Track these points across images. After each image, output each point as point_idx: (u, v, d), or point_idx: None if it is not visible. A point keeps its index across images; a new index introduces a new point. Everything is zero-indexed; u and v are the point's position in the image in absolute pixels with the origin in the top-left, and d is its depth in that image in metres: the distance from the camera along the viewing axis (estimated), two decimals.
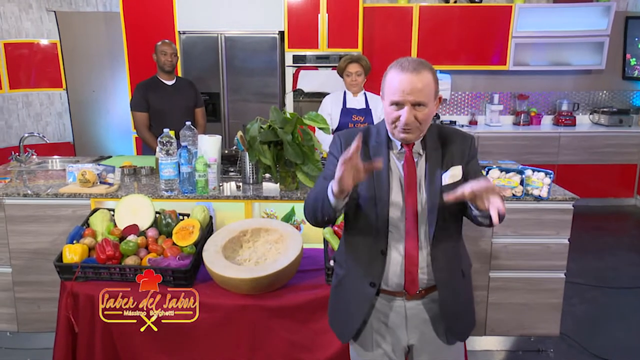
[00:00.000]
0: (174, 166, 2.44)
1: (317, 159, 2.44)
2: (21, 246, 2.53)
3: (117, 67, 5.53)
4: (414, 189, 1.47)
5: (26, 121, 5.58)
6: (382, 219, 1.48)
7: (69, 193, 2.47)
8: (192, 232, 2.16)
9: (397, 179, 1.50)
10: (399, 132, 1.45)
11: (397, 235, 1.48)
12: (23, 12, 5.32)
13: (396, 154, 1.52)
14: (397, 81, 1.40)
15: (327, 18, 4.84)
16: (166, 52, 3.57)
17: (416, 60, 1.43)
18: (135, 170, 2.88)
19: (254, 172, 2.66)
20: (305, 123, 2.42)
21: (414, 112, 1.40)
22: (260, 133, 2.34)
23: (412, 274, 1.47)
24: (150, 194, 2.47)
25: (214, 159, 2.45)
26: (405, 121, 1.40)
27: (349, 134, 1.58)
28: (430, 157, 1.50)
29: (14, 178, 2.80)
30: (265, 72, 4.94)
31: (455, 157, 1.52)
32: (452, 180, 1.47)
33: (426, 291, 1.52)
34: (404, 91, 1.38)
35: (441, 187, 1.47)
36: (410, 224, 1.46)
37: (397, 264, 1.48)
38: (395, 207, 1.48)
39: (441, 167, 1.50)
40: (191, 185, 2.48)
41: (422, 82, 1.39)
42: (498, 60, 5.20)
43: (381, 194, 1.48)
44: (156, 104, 3.56)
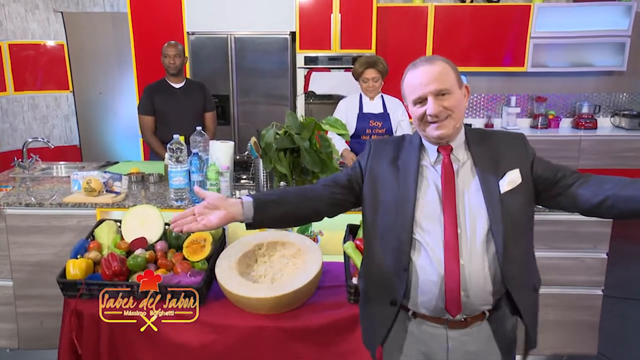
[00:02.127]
0: (185, 174, 2.30)
1: (335, 167, 2.30)
2: (23, 258, 2.40)
3: (124, 69, 5.41)
4: (453, 199, 1.33)
5: (32, 124, 5.47)
6: (404, 232, 1.34)
7: (73, 203, 2.34)
8: (204, 246, 2.02)
9: (432, 189, 1.35)
10: (431, 130, 1.34)
11: (430, 251, 1.32)
12: (29, 13, 5.22)
13: (432, 163, 1.37)
14: (413, 78, 1.35)
15: (340, 18, 4.70)
16: (169, 54, 3.45)
17: (429, 56, 1.38)
18: (143, 178, 2.74)
19: (268, 180, 2.51)
20: (323, 129, 2.28)
21: (439, 101, 1.31)
22: (276, 140, 2.20)
23: (454, 295, 1.31)
24: (159, 203, 2.34)
25: (227, 167, 2.31)
26: (433, 111, 1.30)
27: (382, 143, 1.45)
28: (479, 162, 1.36)
29: (17, 185, 2.67)
30: (276, 74, 4.80)
31: (510, 160, 1.37)
32: (510, 186, 1.34)
33: (472, 319, 1.36)
34: (422, 83, 1.32)
35: (500, 196, 1.32)
36: (450, 239, 1.31)
37: (430, 283, 1.33)
38: (429, 221, 1.33)
39: (496, 173, 1.35)
40: None
41: (438, 69, 1.33)
42: (515, 62, 5.03)
43: (404, 205, 1.35)
44: (162, 107, 3.43)
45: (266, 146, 2.21)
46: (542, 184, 1.38)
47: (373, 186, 1.43)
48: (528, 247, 1.41)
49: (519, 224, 1.35)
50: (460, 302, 1.31)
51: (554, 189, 1.37)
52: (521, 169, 1.36)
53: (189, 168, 2.31)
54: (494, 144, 1.40)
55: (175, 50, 3.43)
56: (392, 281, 1.37)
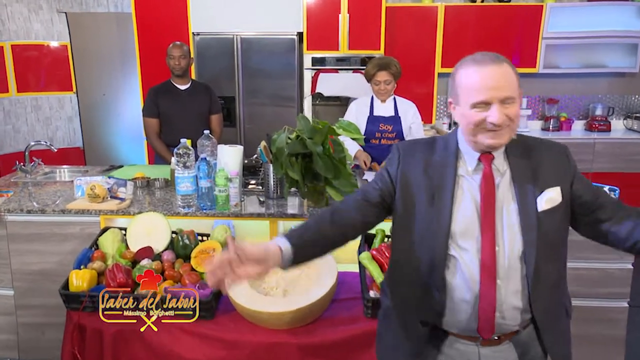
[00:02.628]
0: (192, 180, 2.21)
1: (349, 172, 2.20)
2: (24, 267, 2.32)
3: (128, 70, 5.32)
4: (492, 215, 1.22)
5: (35, 125, 5.39)
6: (439, 248, 1.24)
7: (76, 209, 2.25)
8: (213, 257, 1.93)
9: (469, 202, 1.24)
10: (485, 137, 1.21)
11: (466, 269, 1.22)
12: (33, 14, 5.14)
13: (470, 172, 1.27)
14: (477, 78, 1.19)
15: (348, 19, 4.60)
16: (174, 55, 3.36)
17: (490, 53, 1.23)
18: (149, 183, 2.65)
19: (277, 186, 2.42)
20: (337, 132, 2.18)
21: (503, 109, 1.18)
22: (288, 144, 2.10)
23: (488, 316, 1.22)
24: (166, 210, 2.25)
25: (236, 173, 2.22)
26: (497, 121, 1.17)
27: (411, 147, 1.34)
28: (518, 175, 1.25)
29: (18, 191, 2.58)
30: (283, 75, 4.71)
31: (550, 176, 1.26)
32: (549, 205, 1.22)
33: (505, 336, 1.27)
34: (489, 87, 1.18)
35: (537, 214, 1.21)
36: (488, 257, 1.21)
37: (463, 303, 1.23)
38: (466, 237, 1.23)
39: (534, 189, 1.24)
40: (210, 200, 2.25)
41: (505, 72, 1.19)
42: (527, 63, 4.92)
43: (439, 220, 1.24)
44: (166, 109, 3.35)
45: (277, 151, 2.12)
46: (580, 207, 1.28)
47: (405, 196, 1.31)
48: (560, 269, 1.31)
49: (553, 244, 1.25)
50: (494, 324, 1.22)
51: (590, 217, 1.28)
52: (562, 187, 1.26)
53: (197, 173, 2.22)
54: (535, 156, 1.28)
55: (181, 51, 3.34)
56: (424, 300, 1.28)
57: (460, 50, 4.76)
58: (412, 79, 4.87)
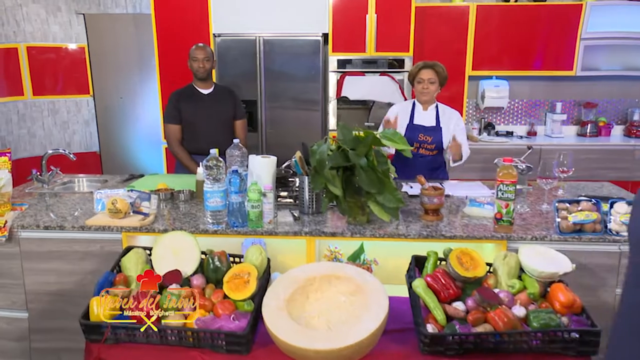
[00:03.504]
0: (222, 195, 2.02)
1: (394, 187, 1.99)
2: (40, 287, 2.14)
3: (146, 73, 5.18)
4: None
5: (52, 129, 5.26)
6: None
7: (96, 225, 2.06)
8: (248, 282, 1.73)
9: None
10: None
11: None
12: (51, 15, 5.01)
13: None
14: None
15: (376, 19, 4.40)
16: (197, 57, 3.18)
17: None
18: (173, 195, 2.47)
19: (313, 200, 2.22)
20: (382, 143, 1.97)
21: None
22: (330, 156, 1.90)
23: None
24: (192, 227, 2.05)
25: (270, 187, 2.02)
26: None
27: None
28: None
29: (34, 203, 2.41)
30: (307, 78, 4.52)
31: None
32: None
33: None
34: None
35: None
36: None
37: None
38: None
39: None
40: (242, 217, 2.05)
41: None
42: (563, 65, 4.67)
43: None
44: (189, 115, 3.16)
45: (318, 164, 1.92)
46: None
47: None
48: None
49: None
50: None
51: None
52: None
53: (227, 187, 2.03)
54: None
55: (205, 53, 3.16)
56: None
57: (492, 53, 4.62)
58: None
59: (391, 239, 2.02)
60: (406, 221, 2.16)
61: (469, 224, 2.10)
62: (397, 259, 2.22)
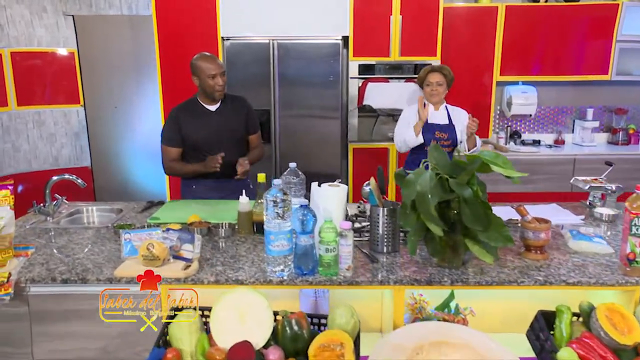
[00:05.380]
0: (289, 236, 1.61)
1: (501, 223, 1.62)
2: (54, 357, 1.68)
3: (144, 80, 4.72)
4: None
5: (37, 143, 4.75)
6: None
7: (128, 277, 1.63)
8: (342, 356, 1.33)
9: None
10: None
11: None
12: (36, 17, 4.51)
13: None
14: None
15: (401, 20, 4.04)
16: (213, 71, 2.54)
17: None
18: (210, 230, 2.05)
19: (390, 237, 1.83)
20: (488, 169, 1.60)
21: None
22: (432, 188, 1.51)
23: None
24: (249, 275, 1.64)
25: (348, 225, 1.62)
26: None
27: None
28: None
29: (41, 245, 1.95)
30: (325, 85, 4.15)
31: None
32: None
33: None
34: None
35: None
36: None
37: None
38: None
39: None
40: (313, 262, 1.65)
41: None
42: (597, 69, 4.39)
43: None
44: (192, 136, 2.61)
45: (419, 197, 1.52)
46: None
47: None
48: None
49: None
50: None
51: None
52: None
53: (296, 227, 1.62)
54: None
55: (220, 65, 2.60)
56: None
57: (521, 57, 4.26)
58: (468, 88, 4.32)
59: (502, 287, 1.64)
60: (504, 259, 1.79)
61: (584, 264, 1.73)
62: (492, 305, 1.85)
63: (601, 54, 4.35)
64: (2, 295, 1.59)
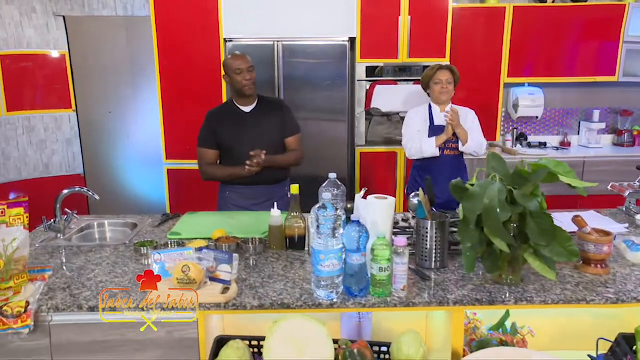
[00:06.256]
0: (341, 255, 1.48)
1: (567, 236, 1.51)
2: None
3: (140, 83, 4.53)
4: None
5: (27, 150, 4.53)
6: None
7: (165, 305, 1.47)
8: None
9: None
10: None
11: None
12: (25, 18, 4.29)
13: None
14: None
15: (410, 21, 3.93)
16: (241, 67, 2.56)
17: None
18: (239, 247, 1.90)
19: (439, 253, 1.71)
20: (556, 179, 1.49)
21: None
22: (501, 201, 1.39)
23: None
24: (294, 298, 1.50)
25: (404, 242, 1.49)
26: None
27: None
28: None
29: (57, 267, 1.78)
30: (331, 87, 4.03)
31: None
32: None
33: None
34: None
35: None
36: None
37: None
38: None
39: None
40: (363, 282, 1.51)
41: None
42: (605, 71, 4.35)
43: None
44: (227, 139, 2.59)
45: (487, 211, 1.40)
46: None
47: None
48: None
49: None
50: None
51: None
52: None
53: (344, 244, 1.49)
54: None
55: (247, 61, 2.59)
56: None
57: (529, 58, 4.17)
58: (476, 90, 4.23)
59: (570, 306, 1.52)
60: (561, 274, 1.68)
61: None
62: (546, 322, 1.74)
63: (608, 55, 4.31)
64: (20, 328, 1.43)
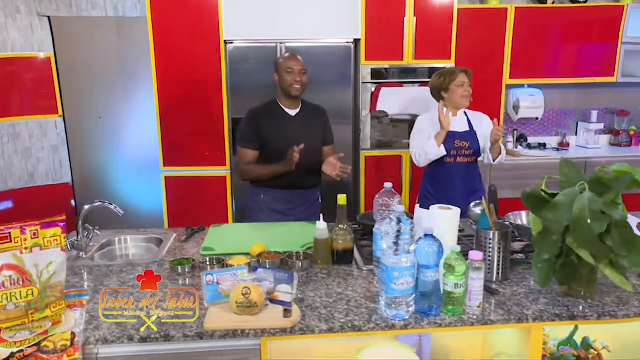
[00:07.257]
0: (413, 272, 1.37)
1: None
2: None
3: (131, 87, 4.33)
4: None
5: (12, 159, 4.26)
6: None
7: (223, 330, 1.34)
8: None
9: None
10: None
11: None
12: (9, 19, 4.04)
13: None
14: None
15: (415, 22, 3.87)
16: (293, 68, 2.50)
17: None
18: (284, 262, 1.77)
19: (503, 264, 1.62)
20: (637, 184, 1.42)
21: None
22: (593, 211, 1.31)
23: None
24: (362, 319, 1.38)
25: (480, 256, 1.40)
26: None
27: None
28: None
29: (90, 290, 1.61)
30: (335, 89, 3.94)
31: None
32: None
33: None
34: None
35: None
36: None
37: None
38: None
39: None
40: (437, 300, 1.41)
41: None
42: (604, 71, 4.38)
43: None
44: (270, 140, 2.50)
45: (575, 222, 1.31)
46: None
47: None
48: None
49: None
50: None
51: None
52: None
53: (415, 259, 1.39)
54: None
55: (300, 63, 2.54)
56: None
57: (530, 59, 4.13)
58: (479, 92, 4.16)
59: None
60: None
61: None
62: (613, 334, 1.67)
63: (607, 55, 4.34)
64: None
